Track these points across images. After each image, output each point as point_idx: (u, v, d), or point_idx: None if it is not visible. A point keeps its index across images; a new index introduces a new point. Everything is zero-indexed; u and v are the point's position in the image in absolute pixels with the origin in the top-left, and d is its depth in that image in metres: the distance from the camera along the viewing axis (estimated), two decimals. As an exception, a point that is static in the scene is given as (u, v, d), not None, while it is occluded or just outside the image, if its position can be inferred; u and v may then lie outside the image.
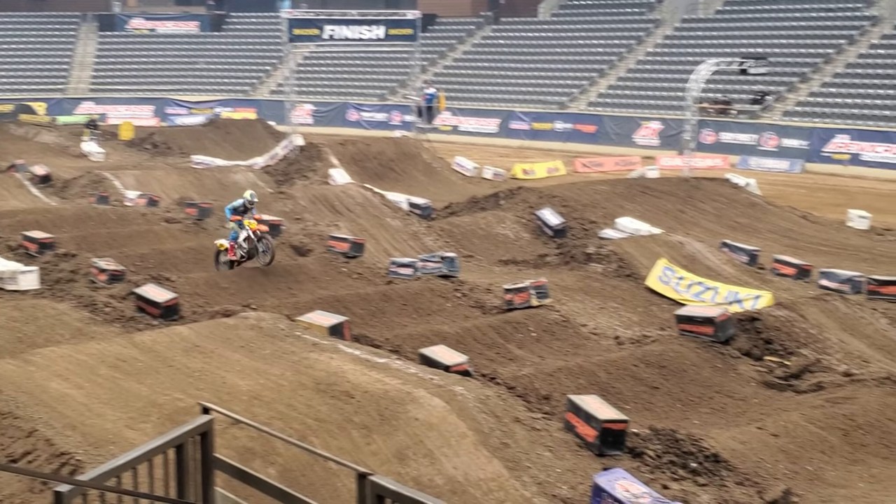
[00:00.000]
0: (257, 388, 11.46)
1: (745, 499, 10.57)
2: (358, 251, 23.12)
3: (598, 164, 43.98)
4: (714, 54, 42.29)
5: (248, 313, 15.30)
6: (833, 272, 22.53)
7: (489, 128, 53.85)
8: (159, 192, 32.01)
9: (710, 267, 22.65)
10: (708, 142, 45.53)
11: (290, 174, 37.18)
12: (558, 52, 57.09)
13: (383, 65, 59.27)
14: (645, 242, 23.81)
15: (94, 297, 18.26)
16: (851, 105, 44.73)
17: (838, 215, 30.99)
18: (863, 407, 13.39)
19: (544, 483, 10.06)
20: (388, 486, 4.41)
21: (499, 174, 40.64)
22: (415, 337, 16.59)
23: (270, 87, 62.71)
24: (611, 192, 30.59)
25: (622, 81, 53.83)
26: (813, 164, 42.99)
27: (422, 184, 37.37)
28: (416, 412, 10.85)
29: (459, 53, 61.51)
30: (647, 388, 14.71)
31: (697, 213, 30.18)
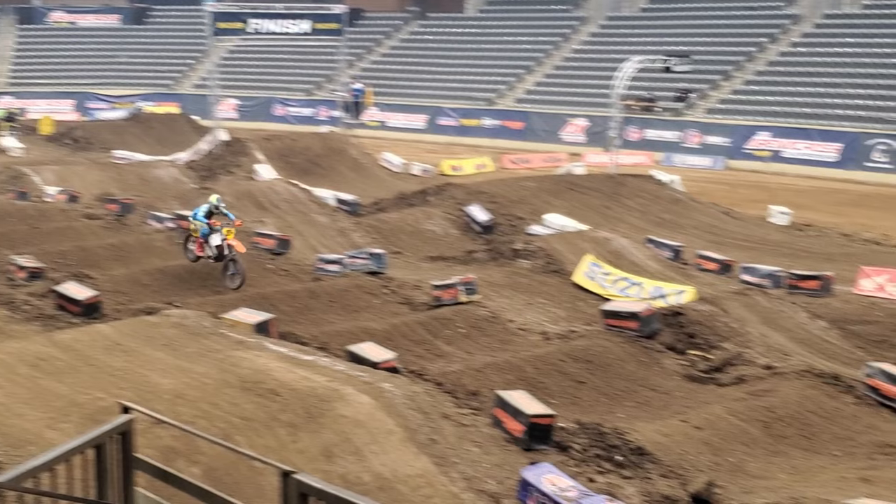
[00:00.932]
0: (181, 386, 11.30)
1: (668, 491, 10.70)
2: (284, 248, 22.93)
3: (526, 161, 44.27)
4: (639, 52, 42.81)
5: (172, 311, 15.08)
6: (754, 267, 22.97)
7: (417, 124, 53.85)
8: (80, 188, 31.38)
9: (635, 262, 22.92)
10: (633, 139, 46.11)
11: (214, 170, 36.72)
12: (485, 48, 57.28)
13: (310, 59, 58.90)
14: (572, 238, 24.01)
15: (13, 295, 17.83)
16: (773, 103, 45.63)
17: (760, 211, 31.62)
18: (783, 399, 13.66)
19: (472, 478, 10.08)
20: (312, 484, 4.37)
21: (427, 170, 40.67)
22: (342, 334, 16.51)
23: (194, 81, 61.90)
24: (538, 189, 30.80)
25: (549, 78, 54.21)
26: (735, 161, 43.79)
27: (349, 180, 37.20)
28: (343, 409, 10.80)
29: (386, 48, 61.38)
30: (574, 382, 14.84)
31: (623, 210, 30.54)
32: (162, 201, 28.73)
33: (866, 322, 19.78)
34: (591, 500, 9.44)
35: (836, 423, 13.31)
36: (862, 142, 41.25)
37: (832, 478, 11.53)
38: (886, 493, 10.58)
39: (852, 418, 13.49)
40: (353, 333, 16.41)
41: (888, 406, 13.73)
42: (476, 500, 9.76)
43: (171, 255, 22.38)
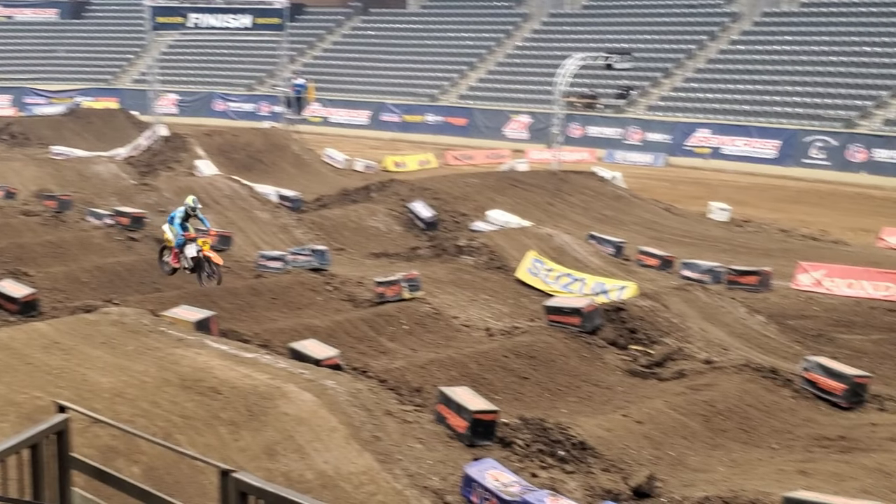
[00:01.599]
0: (120, 385, 11.14)
1: (610, 485, 10.78)
2: (225, 244, 22.72)
3: (469, 157, 44.36)
4: (581, 49, 43.12)
5: (111, 309, 14.85)
6: (694, 263, 23.25)
7: (360, 119, 53.69)
8: (17, 184, 30.84)
9: (577, 258, 23.07)
10: (575, 135, 46.42)
11: (154, 165, 36.29)
12: (428, 44, 57.29)
13: (251, 54, 58.42)
14: (515, 235, 24.10)
15: (-53, 294, 17.45)
16: (712, 100, 46.22)
17: (700, 208, 32.02)
18: (722, 393, 13.83)
19: (415, 475, 10.07)
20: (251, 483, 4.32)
21: (370, 166, 40.58)
22: (285, 331, 16.39)
23: (133, 76, 61.13)
24: (482, 185, 30.89)
25: (492, 75, 54.36)
26: (676, 158, 44.28)
27: (291, 176, 37.00)
28: (285, 407, 10.72)
29: (328, 44, 61.09)
30: (517, 378, 14.89)
31: (566, 206, 30.74)
32: (101, 197, 28.34)
33: (804, 316, 20.14)
34: (534, 495, 9.48)
35: (774, 417, 13.50)
36: (800, 139, 41.94)
37: (770, 470, 11.69)
38: (824, 485, 10.75)
39: (790, 412, 13.70)
40: (296, 331, 16.31)
41: (825, 399, 13.96)
42: (419, 497, 9.76)
43: (109, 251, 22.07)
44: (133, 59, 62.28)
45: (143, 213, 24.99)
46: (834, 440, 12.63)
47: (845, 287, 21.71)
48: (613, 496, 10.43)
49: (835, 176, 39.65)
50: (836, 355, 16.33)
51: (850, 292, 21.50)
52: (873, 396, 14.07)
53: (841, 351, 17.44)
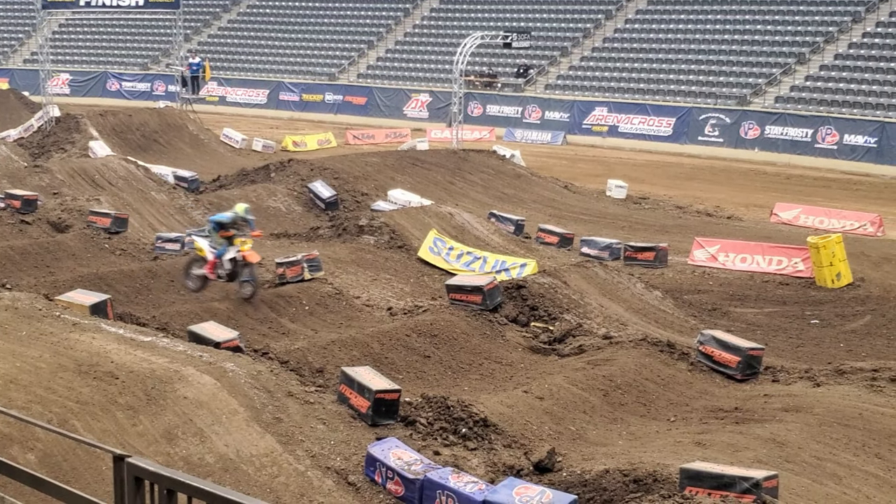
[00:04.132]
0: (13, 371, 10.87)
1: (512, 460, 10.91)
2: (121, 226, 22.27)
3: (370, 137, 44.22)
4: (479, 28, 43.24)
5: (3, 293, 14.45)
6: (593, 240, 23.60)
7: (258, 99, 53.03)
8: None
9: (478, 237, 23.21)
10: (475, 114, 46.62)
11: (46, 147, 35.32)
12: (326, 21, 56.78)
13: (145, 33, 57.17)
14: (416, 214, 24.12)
15: None
16: (609, 79, 46.85)
17: (598, 185, 32.49)
18: (621, 368, 14.09)
19: (318, 455, 10.05)
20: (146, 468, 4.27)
21: (269, 146, 40.15)
22: (183, 314, 16.17)
23: (24, 56, 59.23)
24: (382, 165, 30.82)
25: (391, 53, 54.18)
26: (574, 136, 44.81)
27: (188, 156, 36.39)
28: (184, 390, 10.59)
29: (225, 22, 60.08)
30: (420, 357, 14.95)
31: (466, 185, 30.89)
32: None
33: (699, 291, 20.62)
34: (437, 473, 9.56)
35: (671, 390, 13.80)
36: (695, 116, 42.83)
37: (668, 442, 11.95)
38: (719, 455, 11.04)
39: (686, 384, 14.01)
40: (195, 313, 16.11)
41: (720, 372, 14.30)
42: (322, 477, 9.75)
43: (1, 235, 21.45)
44: (23, 38, 60.34)
45: (35, 196, 24.31)
46: (729, 412, 12.96)
47: (739, 262, 22.28)
48: (515, 471, 10.56)
49: (729, 153, 40.63)
50: (730, 328, 16.79)
51: (744, 267, 22.06)
52: (766, 368, 14.47)
53: (735, 324, 17.93)
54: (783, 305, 19.60)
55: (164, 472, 4.23)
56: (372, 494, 9.77)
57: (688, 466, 9.79)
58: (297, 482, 9.65)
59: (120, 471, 4.39)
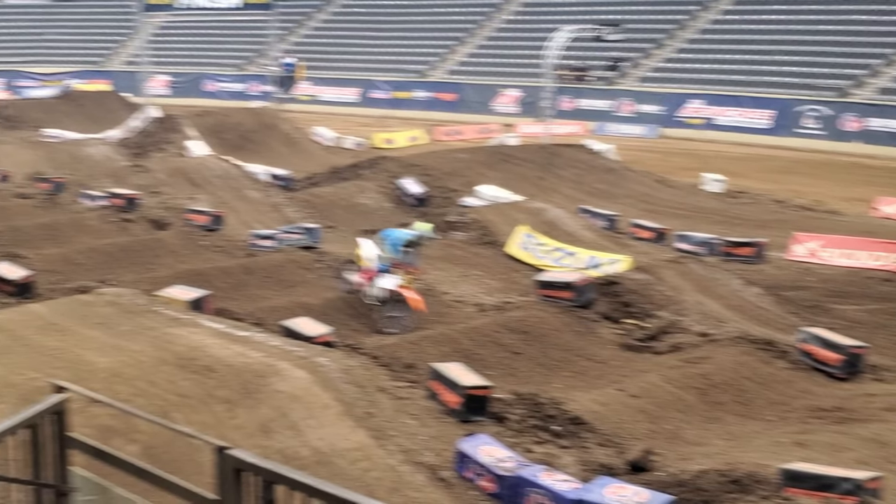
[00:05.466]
0: (117, 365, 11.14)
1: (606, 459, 10.80)
2: (218, 224, 22.71)
3: (459, 133, 44.29)
4: (570, 21, 42.95)
5: (106, 289, 14.83)
6: (689, 235, 23.27)
7: (349, 97, 53.55)
8: (11, 168, 30.69)
9: (569, 232, 23.06)
10: (566, 108, 46.33)
11: (146, 147, 36.21)
12: (417, 19, 57.04)
13: (240, 34, 58.20)
14: (506, 209, 24.08)
15: (-59, 277, 17.42)
16: (705, 70, 46.12)
17: (693, 179, 32.02)
18: (718, 366, 13.83)
19: (409, 451, 10.09)
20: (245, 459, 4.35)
21: (360, 144, 40.52)
22: (278, 309, 16.39)
23: (124, 58, 60.84)
24: (471, 161, 30.84)
25: (481, 49, 54.19)
26: (668, 129, 44.25)
27: (282, 155, 36.92)
28: (279, 385, 10.73)
29: (317, 22, 60.80)
30: (510, 353, 14.89)
31: (557, 180, 30.71)
32: (94, 179, 28.29)
33: (799, 287, 20.16)
34: (529, 470, 9.52)
35: (770, 389, 13.51)
36: (792, 108, 41.91)
37: (767, 443, 11.71)
38: (820, 456, 10.78)
39: (786, 383, 13.70)
40: (289, 308, 16.31)
41: (821, 370, 13.95)
42: (414, 473, 9.79)
43: (104, 233, 22.05)
44: (124, 40, 61.97)
45: (136, 195, 24.94)
46: (830, 411, 12.65)
47: (840, 257, 21.75)
48: (609, 471, 10.46)
49: (829, 146, 39.68)
50: (832, 326, 16.36)
51: (846, 262, 21.53)
52: (869, 367, 14.09)
53: (837, 321, 17.46)
54: (886, 302, 19.03)
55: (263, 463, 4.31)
56: (463, 490, 9.77)
57: (788, 467, 9.59)
58: (389, 476, 9.71)
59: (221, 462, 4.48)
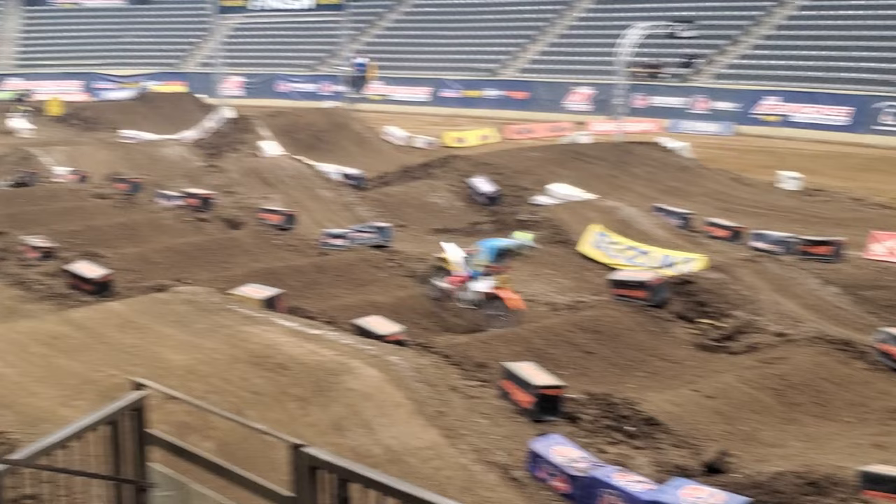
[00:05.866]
0: (192, 362, 11.32)
1: (681, 461, 10.68)
2: (290, 223, 22.94)
3: (530, 131, 44.14)
4: (643, 18, 42.56)
5: (182, 288, 15.07)
6: (765, 233, 22.91)
7: (420, 96, 53.71)
8: (89, 168, 31.39)
9: (642, 231, 22.86)
10: (639, 106, 45.91)
11: (220, 147, 36.74)
12: (487, 18, 56.99)
13: (313, 35, 58.73)
14: (578, 208, 23.94)
15: (26, 275, 17.87)
16: (781, 67, 45.36)
17: (769, 177, 31.51)
18: (795, 366, 13.61)
19: (481, 450, 10.08)
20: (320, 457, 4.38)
21: (430, 143, 40.63)
22: (349, 308, 16.49)
23: (199, 60, 61.79)
24: (543, 159, 30.72)
25: (552, 47, 53.95)
26: (744, 127, 43.60)
27: (353, 154, 37.17)
28: (351, 383, 10.80)
29: (389, 22, 61.11)
30: (583, 353, 14.80)
31: (630, 178, 30.45)
32: (170, 180, 28.77)
33: (878, 287, 19.71)
34: (602, 471, 9.44)
35: (848, 390, 13.25)
36: (871, 105, 41.00)
37: (845, 444, 11.50)
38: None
39: (865, 384, 13.42)
40: (360, 307, 16.40)
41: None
42: (486, 472, 9.77)
43: (180, 232, 22.41)
44: (199, 42, 62.95)
45: (211, 195, 25.30)
46: (910, 413, 12.40)
47: (920, 256, 21.25)
48: (684, 472, 10.33)
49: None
50: (911, 326, 16.01)
51: (926, 262, 21.03)
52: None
53: (916, 321, 17.07)
54: (969, 302, 18.55)
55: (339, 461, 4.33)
56: (535, 490, 9.73)
57: (866, 469, 9.40)
58: (461, 476, 9.71)
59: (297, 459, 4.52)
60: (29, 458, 4.79)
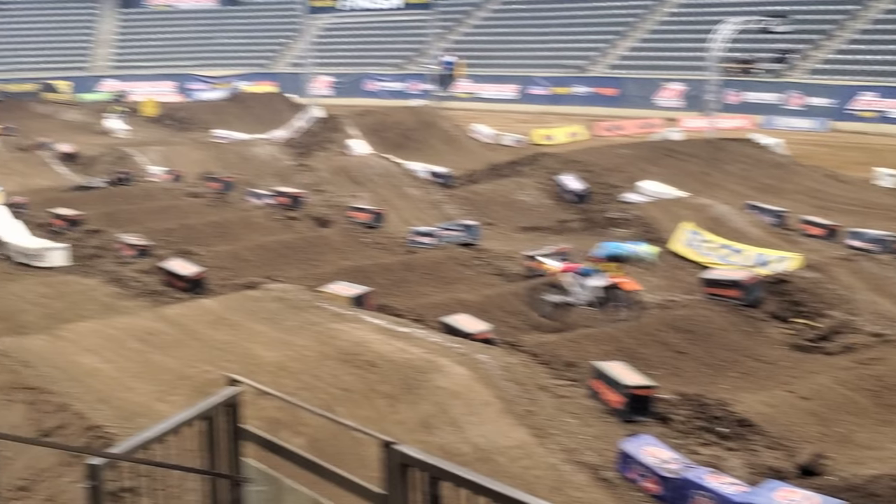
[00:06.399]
0: (283, 359, 11.47)
1: (775, 462, 10.48)
2: (379, 221, 23.10)
3: (620, 128, 43.72)
4: (736, 13, 41.79)
5: (273, 285, 15.29)
6: (861, 232, 22.35)
7: (508, 94, 53.58)
8: (183, 168, 32.06)
9: (736, 229, 22.48)
10: (732, 102, 45.12)
11: (310, 146, 37.17)
12: (576, 14, 56.60)
13: (401, 34, 59.01)
14: (669, 206, 23.65)
15: (122, 273, 18.34)
16: (877, 62, 44.15)
17: (865, 174, 30.71)
18: (892, 368, 13.24)
19: (571, 450, 10.01)
20: (412, 455, 4.39)
21: (518, 140, 40.49)
22: (437, 306, 16.53)
23: (289, 60, 62.57)
24: (633, 156, 30.39)
25: (643, 43, 53.35)
26: (839, 123, 42.55)
27: (441, 152, 37.25)
28: (440, 381, 10.82)
29: (477, 20, 61.09)
30: (674, 353, 14.61)
31: (722, 175, 29.95)
32: (261, 178, 29.21)
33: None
34: (695, 472, 9.30)
35: (948, 392, 12.86)
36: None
37: (945, 447, 11.17)
38: None
39: (965, 386, 13.02)
40: (448, 305, 16.43)
41: None
42: (575, 472, 9.70)
43: (270, 230, 22.73)
44: (289, 43, 63.78)
45: (301, 193, 25.61)
46: None
47: None
48: (778, 474, 10.13)
49: None
50: None
51: None
52: None
53: None
54: None
55: (430, 459, 4.33)
56: (626, 491, 9.63)
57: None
58: (551, 475, 9.65)
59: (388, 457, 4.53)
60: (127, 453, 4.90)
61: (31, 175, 31.78)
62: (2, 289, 17.56)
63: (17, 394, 10.38)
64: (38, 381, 10.60)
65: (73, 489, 8.56)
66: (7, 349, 11.50)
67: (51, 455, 9.15)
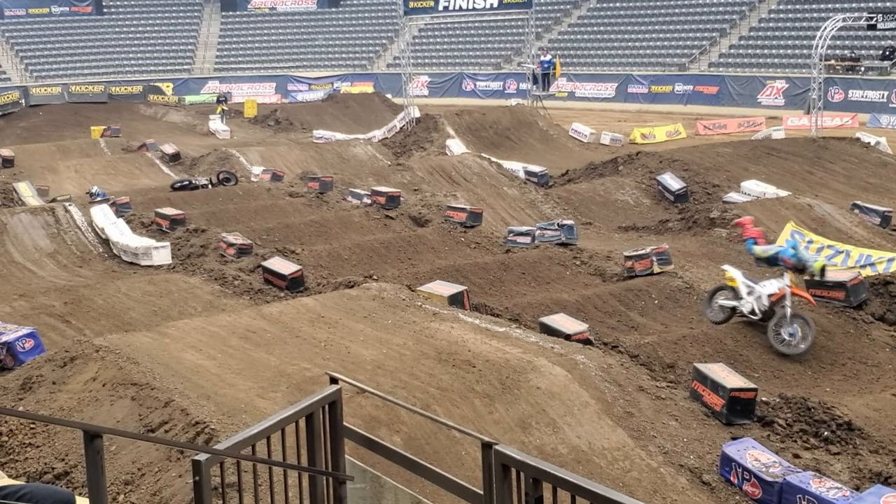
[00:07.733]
0: (381, 357, 11.58)
1: (880, 467, 10.22)
2: (476, 220, 23.13)
3: (721, 126, 42.98)
4: (840, 10, 40.75)
5: (370, 284, 15.46)
6: (973, 233, 21.59)
7: (606, 93, 53.11)
8: (283, 167, 32.60)
9: (840, 229, 21.94)
10: (836, 100, 43.98)
11: (407, 146, 37.43)
12: (677, 12, 55.85)
13: (498, 33, 58.96)
14: (772, 205, 23.18)
15: (224, 271, 18.74)
16: None
17: (977, 173, 29.62)
18: None
19: (670, 452, 9.91)
20: (514, 456, 4.39)
21: (616, 139, 40.12)
22: (534, 306, 16.52)
23: (387, 61, 63.07)
24: (734, 155, 29.86)
25: (744, 40, 52.35)
26: (949, 121, 41.14)
27: (538, 151, 37.15)
28: (537, 381, 10.81)
29: (575, 18, 60.72)
30: (776, 355, 14.34)
31: (826, 174, 29.23)
32: (359, 178, 29.51)
33: None
34: (797, 477, 9.13)
35: None
36: None
37: None
38: None
39: None
40: (545, 305, 16.40)
41: None
42: (675, 475, 9.61)
43: (368, 230, 22.97)
44: (387, 44, 64.29)
45: (398, 193, 25.80)
46: None
47: None
48: (883, 479, 9.87)
49: None
50: None
51: None
52: None
53: None
54: None
55: (531, 461, 4.33)
56: (727, 495, 9.51)
57: None
58: (650, 478, 9.58)
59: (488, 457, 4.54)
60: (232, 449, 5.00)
61: (137, 175, 32.70)
62: (109, 286, 18.12)
63: (124, 389, 10.69)
64: (143, 377, 10.90)
65: (177, 483, 8.78)
66: (114, 346, 11.85)
67: (156, 450, 9.41)
